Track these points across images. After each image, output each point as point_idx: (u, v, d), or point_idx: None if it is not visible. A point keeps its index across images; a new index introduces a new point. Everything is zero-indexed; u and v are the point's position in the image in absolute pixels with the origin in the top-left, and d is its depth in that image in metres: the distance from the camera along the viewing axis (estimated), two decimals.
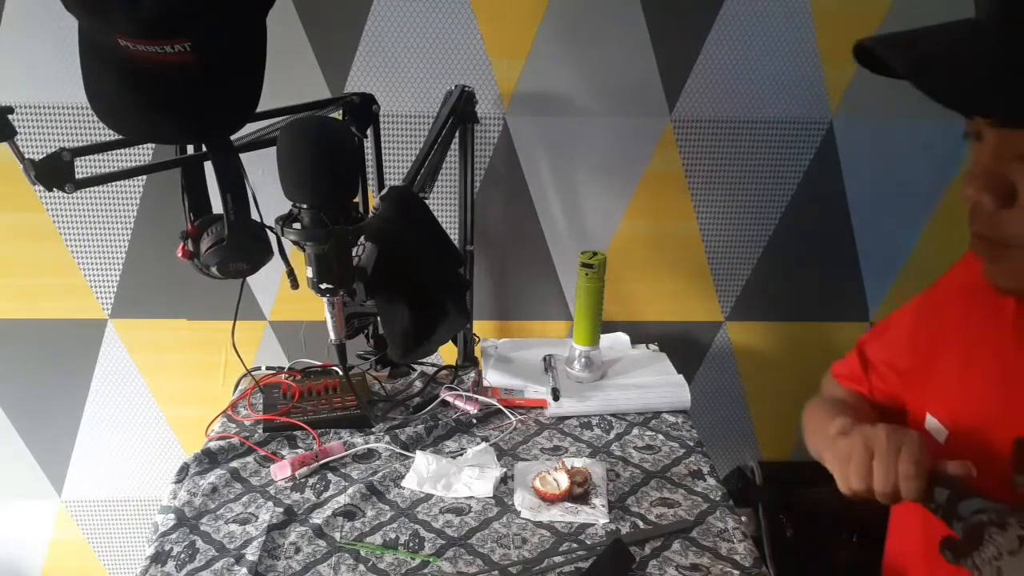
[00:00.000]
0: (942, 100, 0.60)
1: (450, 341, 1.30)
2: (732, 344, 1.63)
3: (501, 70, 1.39)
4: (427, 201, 1.14)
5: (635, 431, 1.25)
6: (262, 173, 1.27)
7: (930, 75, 0.62)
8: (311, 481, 1.10)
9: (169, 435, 1.63)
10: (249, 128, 0.97)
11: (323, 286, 0.96)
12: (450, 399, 1.29)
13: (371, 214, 1.07)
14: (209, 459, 1.14)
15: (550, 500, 1.05)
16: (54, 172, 0.84)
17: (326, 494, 1.08)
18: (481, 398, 1.29)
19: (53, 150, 0.84)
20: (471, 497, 1.07)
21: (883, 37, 0.67)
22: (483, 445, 1.17)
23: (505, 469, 1.12)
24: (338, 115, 1.13)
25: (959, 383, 0.83)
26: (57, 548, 1.73)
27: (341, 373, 1.24)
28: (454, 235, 1.39)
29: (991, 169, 0.67)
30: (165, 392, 1.59)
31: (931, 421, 0.85)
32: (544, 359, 1.40)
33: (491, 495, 1.07)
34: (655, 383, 1.35)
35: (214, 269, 0.97)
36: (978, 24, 0.65)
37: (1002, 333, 0.78)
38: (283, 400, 1.27)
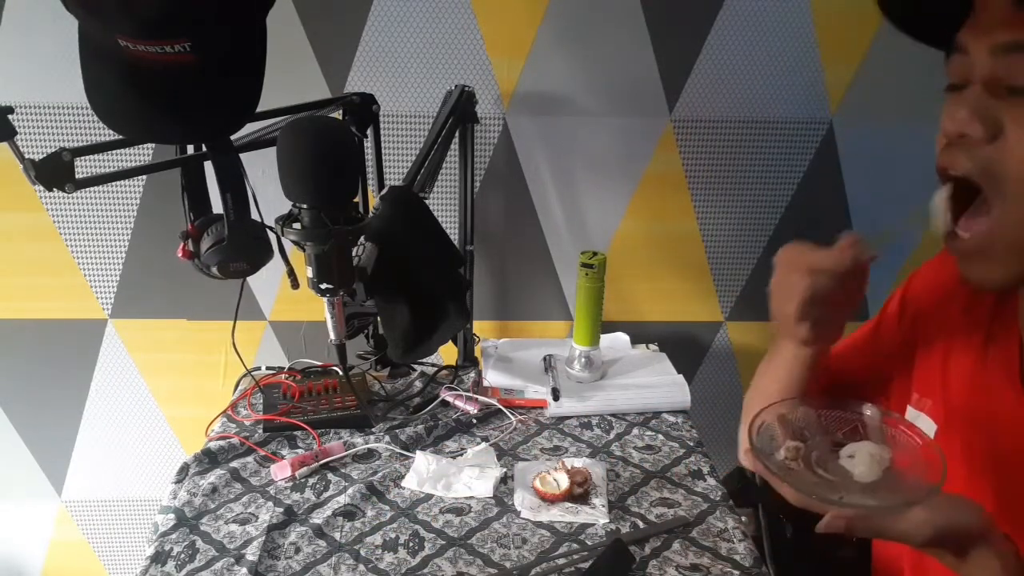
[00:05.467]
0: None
1: (450, 341, 1.30)
2: (732, 344, 1.63)
3: (501, 70, 1.39)
4: (427, 201, 1.14)
5: (635, 431, 1.25)
6: (262, 173, 1.27)
7: None
8: (311, 481, 1.10)
9: (169, 435, 1.63)
10: (249, 128, 0.97)
11: (323, 286, 0.96)
12: (450, 399, 1.29)
13: (371, 214, 1.07)
14: (209, 459, 1.14)
15: (550, 500, 1.05)
16: (54, 172, 0.84)
17: (326, 494, 1.08)
18: (481, 398, 1.29)
19: (53, 150, 0.84)
20: (471, 497, 1.07)
21: None
22: (483, 445, 1.17)
23: (505, 469, 1.12)
24: (338, 115, 1.13)
25: (941, 377, 0.82)
26: (57, 548, 1.72)
27: (341, 373, 1.24)
28: (454, 235, 1.39)
29: (980, 102, 0.63)
30: (165, 392, 1.59)
31: (912, 412, 0.84)
32: (544, 359, 1.40)
33: (491, 495, 1.07)
34: (655, 383, 1.35)
35: (214, 269, 0.98)
36: None
37: (976, 335, 0.78)
38: (283, 400, 1.27)
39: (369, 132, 1.18)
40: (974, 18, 0.64)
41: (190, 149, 1.01)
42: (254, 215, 0.96)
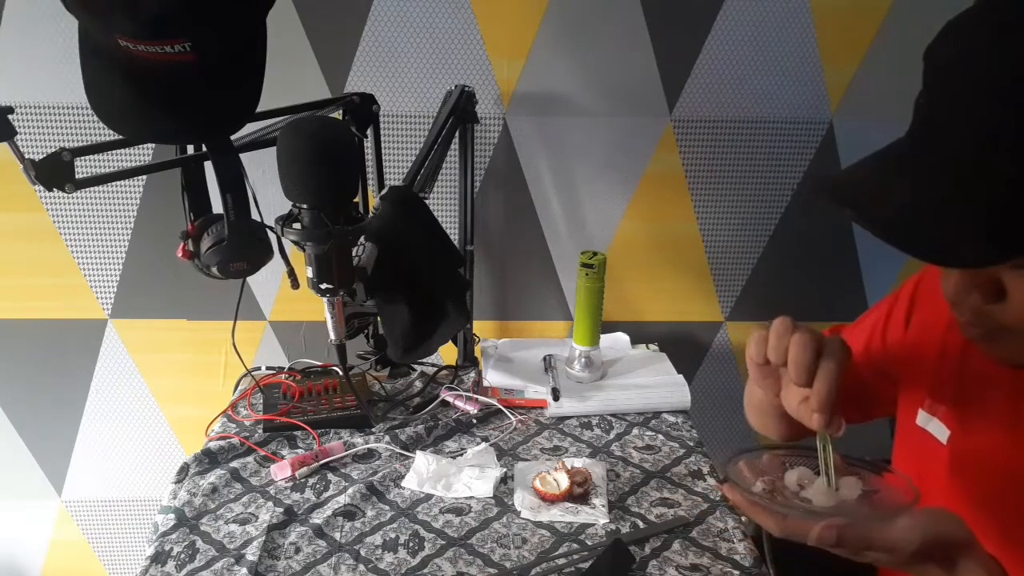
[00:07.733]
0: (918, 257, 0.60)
1: (450, 341, 1.30)
2: (732, 344, 1.63)
3: (501, 70, 1.39)
4: (427, 201, 1.14)
5: (635, 431, 1.25)
6: (262, 173, 1.27)
7: (896, 234, 0.61)
8: (311, 481, 1.10)
9: (169, 435, 1.63)
10: (249, 128, 0.97)
11: (323, 286, 0.96)
12: (450, 399, 1.29)
13: (371, 214, 1.07)
14: (209, 459, 1.14)
15: (550, 500, 1.05)
16: (54, 172, 0.84)
17: (326, 494, 1.08)
18: (481, 398, 1.29)
19: (53, 150, 0.84)
20: (471, 497, 1.07)
21: (840, 187, 0.67)
22: (483, 445, 1.17)
23: (505, 469, 1.12)
24: (338, 115, 1.13)
25: (954, 382, 0.81)
26: (57, 548, 1.73)
27: (341, 373, 1.24)
28: (454, 235, 1.39)
29: (973, 271, 0.64)
30: (165, 392, 1.59)
31: (924, 416, 0.84)
32: (544, 359, 1.40)
33: (491, 495, 1.07)
34: (655, 383, 1.35)
35: (214, 269, 0.98)
36: (905, 155, 0.65)
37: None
38: (283, 400, 1.27)
39: (369, 132, 1.18)
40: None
41: (190, 149, 1.01)
42: (254, 215, 0.96)
